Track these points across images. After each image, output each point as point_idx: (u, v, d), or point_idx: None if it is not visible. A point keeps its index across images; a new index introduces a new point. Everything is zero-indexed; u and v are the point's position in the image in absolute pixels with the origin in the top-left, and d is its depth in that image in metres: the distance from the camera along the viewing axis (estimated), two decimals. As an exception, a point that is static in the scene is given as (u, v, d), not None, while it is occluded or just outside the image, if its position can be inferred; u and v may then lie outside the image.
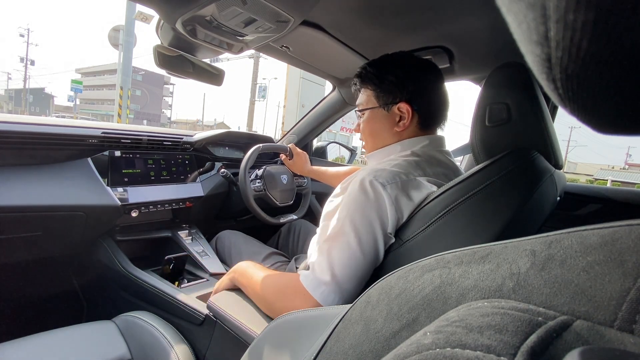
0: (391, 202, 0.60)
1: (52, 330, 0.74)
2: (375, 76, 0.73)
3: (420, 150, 0.71)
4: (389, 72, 0.72)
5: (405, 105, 0.70)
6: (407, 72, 0.71)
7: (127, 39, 6.11)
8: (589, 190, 1.11)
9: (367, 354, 0.23)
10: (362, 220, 0.59)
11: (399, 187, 0.61)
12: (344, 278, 0.58)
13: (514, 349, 0.14)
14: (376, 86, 0.73)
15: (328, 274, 0.58)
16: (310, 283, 0.59)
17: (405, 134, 0.73)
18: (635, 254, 0.16)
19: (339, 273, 0.58)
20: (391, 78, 0.71)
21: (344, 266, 0.58)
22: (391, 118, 0.73)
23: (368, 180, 0.61)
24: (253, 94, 16.96)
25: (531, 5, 0.11)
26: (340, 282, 0.58)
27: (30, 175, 0.88)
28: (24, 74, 30.19)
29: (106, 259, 1.03)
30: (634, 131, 0.14)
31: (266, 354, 0.41)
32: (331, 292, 0.58)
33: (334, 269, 0.58)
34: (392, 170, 0.63)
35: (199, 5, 0.69)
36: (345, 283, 0.58)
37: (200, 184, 1.26)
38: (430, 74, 0.72)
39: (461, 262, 0.23)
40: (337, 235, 0.61)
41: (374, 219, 0.59)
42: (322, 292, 0.58)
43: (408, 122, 0.71)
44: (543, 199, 0.57)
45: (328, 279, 0.58)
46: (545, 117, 0.58)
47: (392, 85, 0.71)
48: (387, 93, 0.72)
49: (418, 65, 0.72)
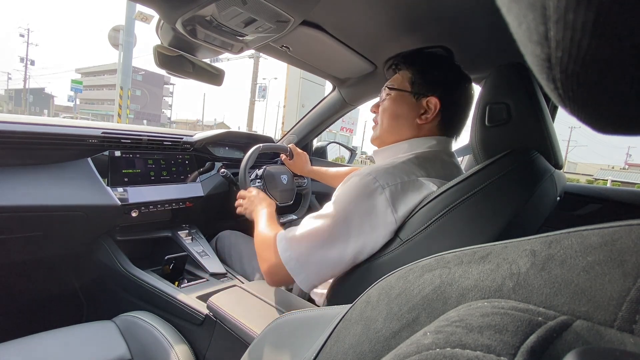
0: (387, 204, 0.60)
1: (52, 330, 0.74)
2: (422, 63, 0.75)
3: (426, 150, 0.71)
4: (435, 67, 0.74)
5: (435, 100, 0.71)
6: (450, 75, 0.74)
7: (127, 39, 6.11)
8: (589, 190, 1.11)
9: (367, 354, 0.23)
10: (353, 212, 0.61)
11: (399, 189, 0.62)
12: (310, 258, 0.62)
13: (514, 349, 0.14)
14: (418, 73, 0.74)
15: (299, 246, 0.63)
16: (282, 246, 0.64)
17: (422, 130, 0.74)
18: (635, 254, 0.16)
19: (309, 252, 0.62)
20: (435, 73, 0.73)
21: (315, 247, 0.62)
22: (417, 108, 0.73)
23: (369, 178, 0.62)
24: (253, 94, 16.96)
25: (531, 5, 0.11)
26: (304, 259, 0.62)
27: (30, 175, 0.88)
28: (24, 74, 30.20)
29: (106, 259, 1.03)
30: (634, 131, 0.14)
31: (266, 354, 0.41)
32: (296, 261, 0.62)
33: (307, 245, 0.62)
34: (395, 172, 0.64)
35: (199, 5, 0.69)
36: (310, 263, 0.62)
37: (200, 184, 1.26)
38: (467, 88, 0.75)
39: (461, 262, 0.23)
40: (325, 216, 0.63)
41: (364, 215, 0.61)
42: (288, 256, 0.63)
43: (431, 117, 0.72)
44: (543, 199, 0.57)
45: (296, 251, 0.63)
46: (545, 117, 0.58)
47: (433, 79, 0.73)
48: (424, 83, 0.73)
49: (460, 75, 0.75)
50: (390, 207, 0.60)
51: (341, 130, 14.63)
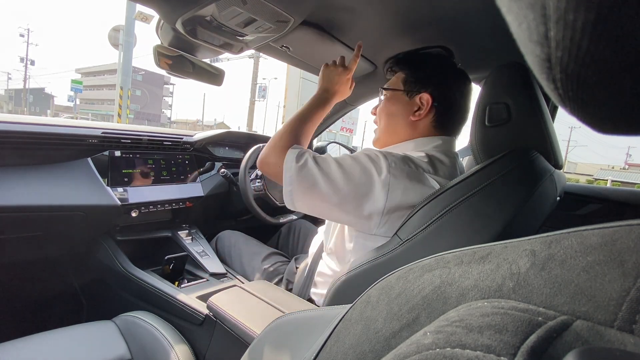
0: (387, 182, 0.62)
1: (52, 330, 0.74)
2: (414, 62, 0.77)
3: (432, 150, 0.72)
4: (427, 65, 0.76)
5: (427, 96, 0.72)
6: (441, 72, 0.75)
7: (127, 39, 6.11)
8: (589, 190, 1.11)
9: (367, 354, 0.23)
10: (352, 171, 0.64)
11: (405, 174, 0.63)
12: (304, 197, 0.66)
13: (514, 349, 0.14)
14: (410, 72, 0.76)
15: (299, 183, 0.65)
16: (291, 158, 0.67)
17: (418, 127, 0.75)
18: (635, 254, 0.16)
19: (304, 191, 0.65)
20: (427, 70, 0.75)
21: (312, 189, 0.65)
22: (410, 106, 0.75)
23: (377, 151, 0.65)
24: (253, 94, 16.95)
25: (531, 5, 0.11)
26: (298, 197, 0.66)
27: (30, 175, 0.88)
28: (24, 74, 30.20)
29: (106, 259, 1.03)
30: (634, 131, 0.14)
31: (266, 354, 0.41)
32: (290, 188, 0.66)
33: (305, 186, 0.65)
34: (405, 157, 0.65)
35: (199, 5, 0.69)
36: (301, 200, 0.66)
37: (200, 184, 1.26)
38: (462, 84, 0.75)
39: (461, 262, 0.23)
40: (327, 162, 0.66)
41: (362, 178, 0.63)
42: (289, 167, 0.66)
43: (424, 113, 0.73)
44: (543, 199, 0.57)
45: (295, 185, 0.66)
46: (545, 117, 0.58)
47: (424, 75, 0.74)
48: (416, 81, 0.74)
49: (453, 70, 0.76)
50: (387, 186, 0.62)
51: (341, 130, 14.63)
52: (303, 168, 0.65)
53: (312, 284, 0.82)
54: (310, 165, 0.65)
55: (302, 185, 0.65)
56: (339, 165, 0.65)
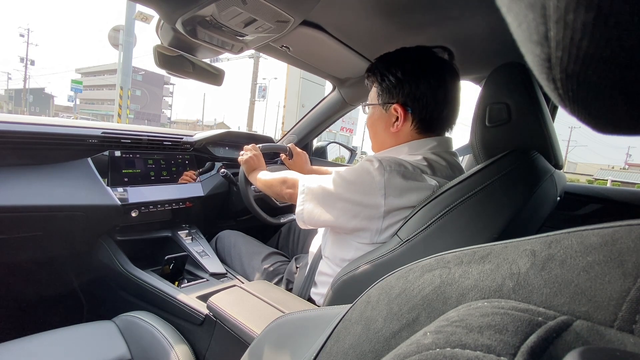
0: (382, 185, 0.62)
1: (52, 330, 0.74)
2: (379, 74, 0.74)
3: (429, 151, 0.71)
4: (390, 72, 0.72)
5: (399, 107, 0.71)
6: (406, 73, 0.70)
7: (127, 39, 6.11)
8: (589, 190, 1.11)
9: (367, 354, 0.23)
10: (349, 189, 0.66)
11: (400, 175, 0.63)
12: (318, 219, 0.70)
13: (514, 349, 0.14)
14: (378, 84, 0.74)
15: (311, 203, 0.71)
16: (301, 191, 0.73)
17: (401, 136, 0.74)
18: (635, 254, 0.16)
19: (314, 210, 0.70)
20: (391, 78, 0.71)
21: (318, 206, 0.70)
22: (388, 117, 0.74)
23: (372, 156, 0.66)
24: (253, 94, 16.95)
25: (531, 5, 0.11)
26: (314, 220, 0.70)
27: (30, 175, 0.88)
28: (24, 74, 30.20)
29: (106, 259, 1.03)
30: (634, 131, 0.14)
31: (266, 354, 0.41)
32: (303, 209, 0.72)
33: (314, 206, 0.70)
34: (400, 161, 0.65)
35: (199, 5, 0.69)
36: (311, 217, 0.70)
37: (200, 184, 1.26)
38: (432, 77, 0.69)
39: (461, 262, 0.23)
40: (324, 181, 0.70)
41: (359, 192, 0.64)
42: (301, 200, 0.72)
43: (401, 124, 0.72)
44: (543, 199, 0.57)
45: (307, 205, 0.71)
46: (545, 117, 0.58)
47: (391, 85, 0.72)
48: (386, 92, 0.73)
49: (420, 66, 0.70)
50: (383, 189, 0.62)
51: (341, 130, 14.62)
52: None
53: (312, 284, 0.82)
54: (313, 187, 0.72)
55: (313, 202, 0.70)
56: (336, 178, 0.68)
